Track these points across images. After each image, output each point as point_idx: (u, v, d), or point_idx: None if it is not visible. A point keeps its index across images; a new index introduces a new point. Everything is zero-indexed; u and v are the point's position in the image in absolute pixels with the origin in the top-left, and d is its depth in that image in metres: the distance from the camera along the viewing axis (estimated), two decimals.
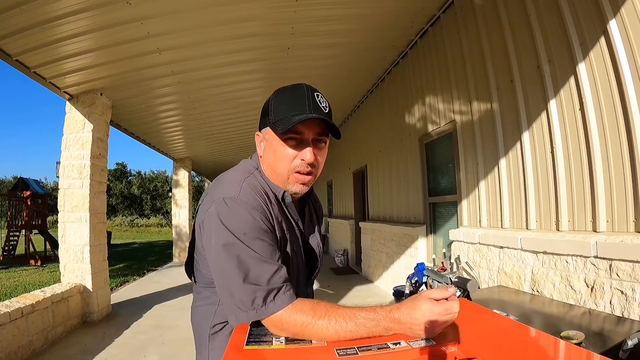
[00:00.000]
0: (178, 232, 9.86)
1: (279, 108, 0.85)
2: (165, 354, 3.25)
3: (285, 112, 0.83)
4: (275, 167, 0.87)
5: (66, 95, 4.11)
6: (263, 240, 0.79)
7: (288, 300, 0.76)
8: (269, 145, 0.88)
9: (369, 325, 0.72)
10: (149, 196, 31.41)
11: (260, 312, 0.75)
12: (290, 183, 0.87)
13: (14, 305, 3.06)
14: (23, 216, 10.54)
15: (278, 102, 0.86)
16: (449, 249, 3.32)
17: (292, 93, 0.85)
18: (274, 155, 0.86)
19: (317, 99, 0.84)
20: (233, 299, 0.78)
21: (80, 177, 4.15)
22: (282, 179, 0.87)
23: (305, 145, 0.84)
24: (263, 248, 0.78)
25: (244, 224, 0.78)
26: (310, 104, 0.82)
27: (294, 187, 0.88)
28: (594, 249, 1.81)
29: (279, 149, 0.85)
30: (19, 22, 2.73)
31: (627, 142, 1.79)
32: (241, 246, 0.77)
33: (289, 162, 0.85)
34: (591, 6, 1.93)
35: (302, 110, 0.82)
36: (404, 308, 0.74)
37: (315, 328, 0.73)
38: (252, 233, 0.78)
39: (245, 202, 0.80)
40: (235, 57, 3.92)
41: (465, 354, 0.66)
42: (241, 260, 0.77)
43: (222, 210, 0.80)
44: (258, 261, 0.77)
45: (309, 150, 0.84)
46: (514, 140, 2.60)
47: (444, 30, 3.55)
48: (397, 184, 4.89)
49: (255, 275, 0.77)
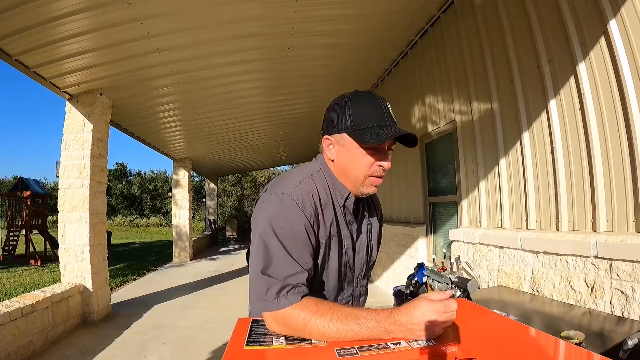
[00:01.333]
0: (178, 232, 9.85)
1: (360, 115, 0.88)
2: (165, 354, 3.25)
3: (366, 121, 0.87)
4: (352, 172, 0.92)
5: (66, 95, 4.10)
6: (297, 239, 0.83)
7: (297, 299, 0.79)
8: (346, 150, 0.91)
9: (370, 326, 0.73)
10: (149, 196, 31.39)
11: (272, 305, 0.79)
12: (365, 186, 0.92)
13: (14, 305, 3.05)
14: (23, 216, 10.53)
15: (357, 108, 0.89)
16: (449, 249, 3.32)
17: (369, 101, 0.90)
18: (353, 161, 0.90)
19: (389, 109, 0.90)
20: (252, 286, 0.84)
21: (80, 177, 4.14)
22: (356, 182, 0.92)
23: (383, 153, 0.90)
24: (294, 247, 0.83)
25: (284, 220, 0.83)
26: (387, 115, 0.88)
27: (368, 189, 0.93)
28: (594, 249, 1.81)
29: (359, 156, 0.89)
30: (19, 22, 2.73)
31: (627, 142, 1.79)
32: (274, 239, 0.82)
33: (367, 168, 0.90)
34: (591, 6, 1.93)
35: (382, 121, 0.87)
36: (403, 309, 0.75)
37: (316, 325, 0.74)
38: (289, 230, 0.83)
39: (293, 201, 0.85)
40: (235, 57, 3.92)
41: (465, 354, 0.66)
42: (269, 252, 0.82)
43: (270, 203, 0.86)
44: (284, 257, 0.81)
45: (389, 159, 0.91)
46: (514, 140, 2.60)
47: (444, 30, 3.55)
48: (397, 184, 4.90)
49: (276, 268, 0.81)
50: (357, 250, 1.00)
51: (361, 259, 1.02)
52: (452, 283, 2.69)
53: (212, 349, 3.30)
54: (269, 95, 5.42)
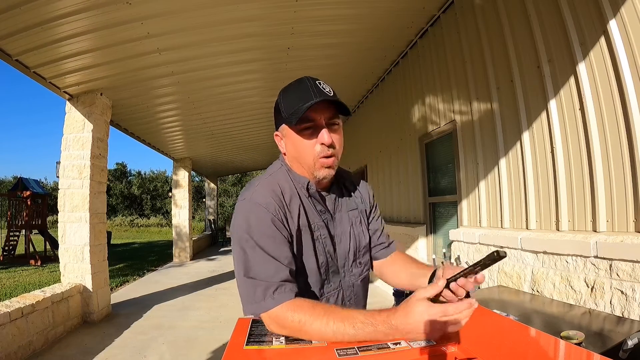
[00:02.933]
0: (178, 232, 9.86)
1: (288, 102, 0.89)
2: (165, 354, 3.25)
3: (294, 105, 0.87)
4: (300, 159, 0.91)
5: (66, 95, 4.11)
6: (269, 237, 0.84)
7: (287, 297, 0.79)
8: (289, 140, 0.92)
9: (368, 330, 0.72)
10: (149, 196, 31.39)
11: (260, 306, 0.80)
12: (317, 169, 0.90)
13: (14, 305, 3.06)
14: (23, 216, 10.53)
15: (286, 97, 0.91)
16: (449, 249, 3.32)
17: (297, 86, 0.90)
18: (296, 148, 0.91)
19: (320, 85, 0.88)
20: (241, 292, 0.85)
21: (80, 177, 4.15)
22: (309, 168, 0.91)
23: (320, 129, 0.88)
24: (270, 245, 0.84)
25: (254, 223, 0.85)
26: (315, 91, 0.86)
27: (321, 172, 0.91)
28: (594, 249, 1.81)
29: (298, 141, 0.90)
30: (19, 22, 2.73)
31: (627, 142, 1.79)
32: (249, 242, 0.84)
33: (312, 150, 0.89)
34: (591, 6, 1.93)
35: (308, 98, 0.85)
36: (399, 313, 0.72)
37: (313, 328, 0.74)
38: (259, 232, 0.84)
39: (255, 203, 0.86)
40: (235, 57, 3.92)
41: (465, 354, 0.66)
42: (247, 255, 0.84)
43: (238, 210, 0.89)
44: (262, 258, 0.82)
45: (325, 132, 0.87)
46: (514, 140, 2.60)
47: (444, 30, 3.55)
48: (397, 184, 4.89)
49: (257, 270, 0.82)
50: (337, 239, 0.98)
51: (344, 247, 0.99)
52: None
53: (212, 349, 3.30)
54: (269, 95, 5.42)
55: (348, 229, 1.01)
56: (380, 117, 5.52)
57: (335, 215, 1.00)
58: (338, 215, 1.00)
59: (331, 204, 0.99)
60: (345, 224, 1.01)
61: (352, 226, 1.02)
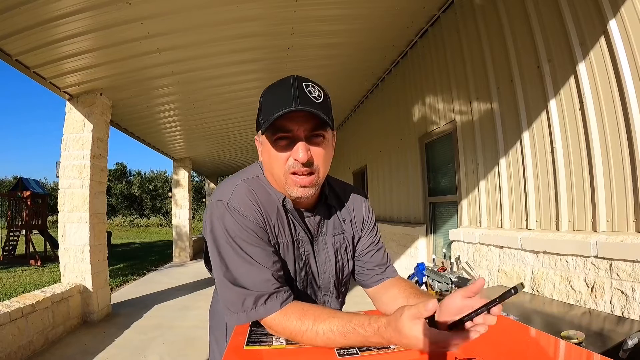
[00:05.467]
0: (178, 232, 9.86)
1: (265, 106, 0.76)
2: (165, 354, 3.25)
3: (270, 110, 0.73)
4: (272, 170, 0.80)
5: (66, 95, 4.10)
6: (253, 244, 0.77)
7: (279, 306, 0.75)
8: (264, 148, 0.80)
9: (359, 339, 0.68)
10: (149, 196, 31.39)
11: (251, 315, 0.75)
12: (289, 186, 0.78)
13: (14, 305, 3.05)
14: (23, 216, 10.53)
15: (265, 99, 0.78)
16: (449, 249, 3.32)
17: (277, 88, 0.77)
18: (269, 158, 0.79)
19: (307, 89, 0.75)
20: (225, 301, 0.79)
21: (80, 177, 4.14)
22: (280, 182, 0.80)
23: (296, 142, 0.75)
24: (254, 252, 0.77)
25: (233, 229, 0.77)
26: (296, 96, 0.72)
27: (294, 191, 0.78)
28: (594, 249, 1.81)
29: (271, 151, 0.77)
30: (19, 22, 2.73)
31: (627, 142, 1.79)
32: (230, 250, 0.77)
33: (283, 164, 0.76)
34: (591, 6, 1.93)
35: (286, 104, 0.71)
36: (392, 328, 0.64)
37: (305, 337, 0.71)
38: (242, 237, 0.77)
39: (234, 208, 0.78)
40: (235, 57, 3.92)
41: (465, 354, 0.66)
42: (231, 263, 0.77)
43: (214, 213, 0.80)
44: (248, 265, 0.76)
45: (300, 147, 0.74)
46: (514, 140, 2.60)
47: (444, 30, 3.55)
48: (397, 184, 4.89)
49: (244, 279, 0.76)
50: (319, 265, 0.89)
51: (328, 276, 0.90)
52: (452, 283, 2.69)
53: None
54: None
55: (333, 257, 0.90)
56: (380, 117, 5.52)
57: (319, 239, 0.89)
58: (322, 239, 0.89)
59: (313, 226, 0.88)
60: (330, 252, 0.90)
61: (336, 255, 0.90)
